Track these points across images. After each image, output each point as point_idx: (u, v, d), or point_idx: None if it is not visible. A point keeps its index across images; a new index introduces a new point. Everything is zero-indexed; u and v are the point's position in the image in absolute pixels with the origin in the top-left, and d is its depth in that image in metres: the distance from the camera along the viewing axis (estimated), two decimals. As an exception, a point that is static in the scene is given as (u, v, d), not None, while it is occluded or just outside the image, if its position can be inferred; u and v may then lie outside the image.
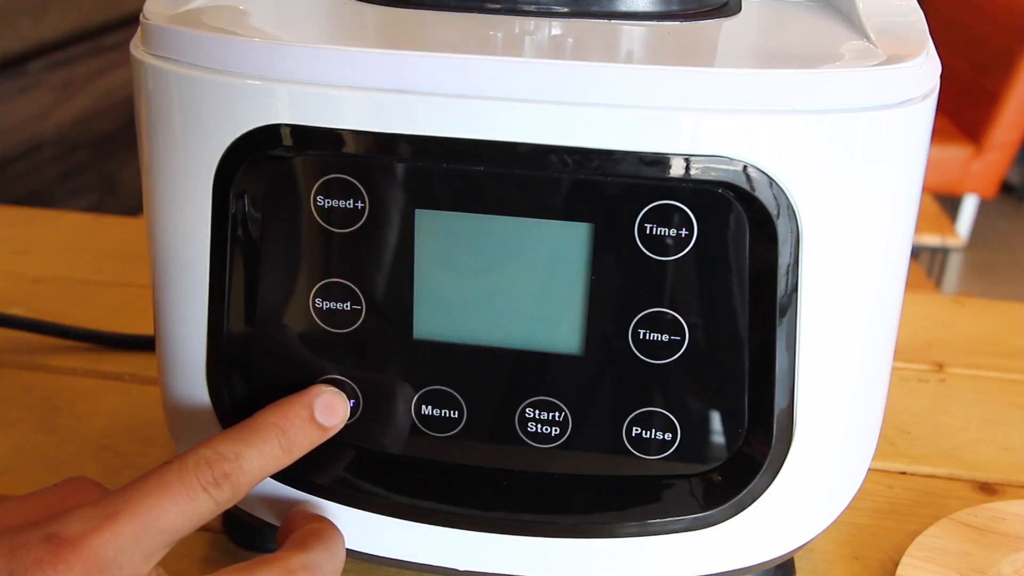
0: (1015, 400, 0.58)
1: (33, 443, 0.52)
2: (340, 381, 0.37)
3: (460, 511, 0.35)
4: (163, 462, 0.33)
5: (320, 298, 0.36)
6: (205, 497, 0.32)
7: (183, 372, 0.38)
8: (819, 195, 0.32)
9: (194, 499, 0.32)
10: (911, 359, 0.63)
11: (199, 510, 0.32)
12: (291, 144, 0.34)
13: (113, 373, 0.58)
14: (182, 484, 0.32)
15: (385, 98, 0.32)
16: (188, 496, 0.32)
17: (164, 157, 0.35)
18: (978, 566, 0.43)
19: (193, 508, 0.32)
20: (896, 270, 0.35)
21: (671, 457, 0.36)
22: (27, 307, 0.65)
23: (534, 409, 0.37)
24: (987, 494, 0.50)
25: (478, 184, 0.34)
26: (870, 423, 0.38)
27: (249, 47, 0.33)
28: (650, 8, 0.38)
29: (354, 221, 0.35)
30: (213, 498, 0.33)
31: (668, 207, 0.33)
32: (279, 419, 0.35)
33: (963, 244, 1.77)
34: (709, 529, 0.37)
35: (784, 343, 0.34)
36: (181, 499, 0.32)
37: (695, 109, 0.31)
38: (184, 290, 0.37)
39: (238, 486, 0.33)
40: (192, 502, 0.32)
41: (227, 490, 0.33)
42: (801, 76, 0.31)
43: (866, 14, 0.36)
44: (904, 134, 0.33)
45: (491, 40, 0.34)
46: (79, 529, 0.30)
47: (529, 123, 0.32)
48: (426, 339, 0.36)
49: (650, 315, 0.35)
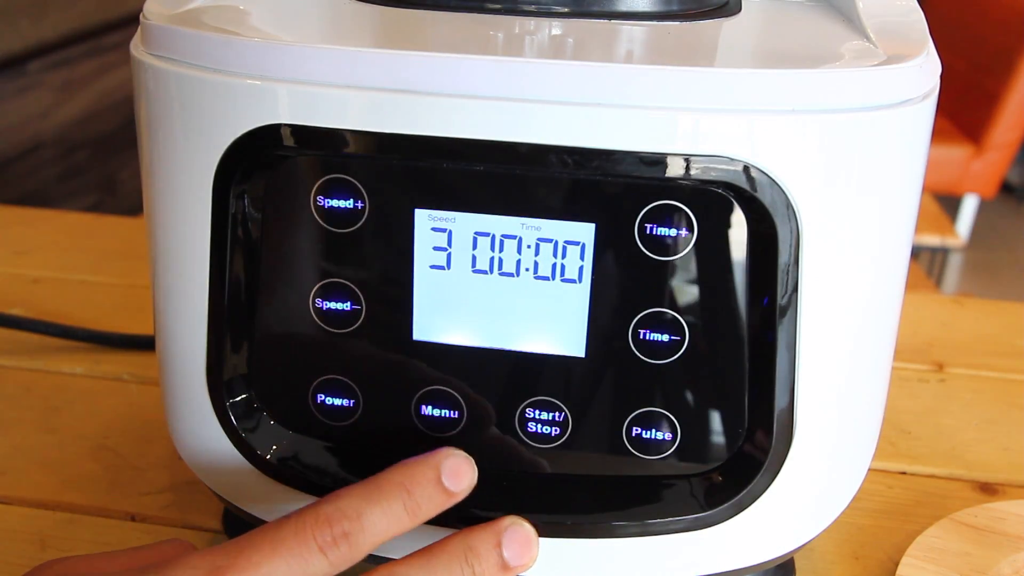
0: (1015, 400, 0.58)
1: (33, 443, 0.52)
2: (340, 381, 0.37)
3: (460, 511, 0.35)
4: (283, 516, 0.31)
5: (320, 298, 0.36)
6: (319, 558, 0.31)
7: (183, 372, 0.38)
8: (819, 195, 0.32)
9: (307, 560, 0.30)
10: (911, 359, 0.63)
11: (311, 571, 0.30)
12: (291, 144, 0.34)
13: (113, 373, 0.58)
14: (296, 541, 0.30)
15: (385, 98, 0.32)
16: (301, 556, 0.30)
17: (164, 157, 0.35)
18: (978, 566, 0.43)
19: (304, 568, 0.30)
20: (896, 270, 0.35)
21: (671, 457, 0.36)
22: (27, 307, 0.65)
23: (534, 409, 0.37)
24: (987, 494, 0.50)
25: (478, 184, 0.34)
26: (870, 423, 0.38)
27: (249, 47, 0.33)
28: (650, 8, 0.38)
29: (354, 221, 0.35)
30: (328, 559, 0.31)
31: (668, 207, 0.33)
32: (406, 479, 0.33)
33: (963, 244, 1.77)
34: (709, 529, 0.37)
35: (784, 343, 0.34)
36: (293, 558, 0.30)
37: (695, 109, 0.31)
38: (184, 290, 0.37)
39: (357, 547, 0.31)
40: (304, 562, 0.30)
41: (344, 550, 0.31)
42: (801, 76, 0.31)
43: (866, 14, 0.36)
44: (904, 134, 0.33)
45: (491, 40, 0.34)
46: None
47: (529, 123, 0.32)
48: (426, 339, 0.36)
49: (650, 315, 0.35)
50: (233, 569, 0.30)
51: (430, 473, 0.33)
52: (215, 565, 0.30)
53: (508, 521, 0.34)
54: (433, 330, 0.36)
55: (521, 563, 0.33)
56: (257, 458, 0.38)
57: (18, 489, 0.48)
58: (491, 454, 0.37)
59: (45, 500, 0.48)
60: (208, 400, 0.38)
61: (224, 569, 0.30)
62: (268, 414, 0.38)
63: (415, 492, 0.33)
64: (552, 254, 0.35)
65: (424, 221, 0.35)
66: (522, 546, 0.33)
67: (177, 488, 0.48)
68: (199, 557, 0.30)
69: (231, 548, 0.30)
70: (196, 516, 0.47)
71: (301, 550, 0.30)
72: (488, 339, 0.36)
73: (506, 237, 0.35)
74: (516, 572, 0.33)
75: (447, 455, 0.34)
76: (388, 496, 0.32)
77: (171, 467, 0.50)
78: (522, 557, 0.33)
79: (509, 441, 0.37)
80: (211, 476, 0.40)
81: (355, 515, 0.31)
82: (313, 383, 0.37)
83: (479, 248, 0.35)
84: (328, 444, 0.38)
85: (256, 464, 0.38)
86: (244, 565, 0.30)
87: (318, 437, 0.38)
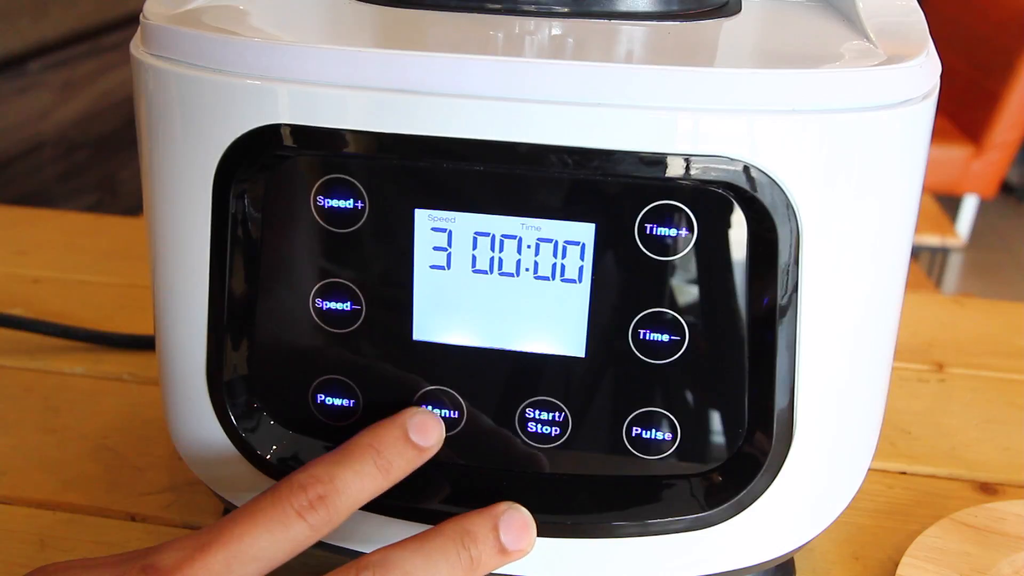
0: (1015, 400, 0.58)
1: (33, 443, 0.52)
2: (340, 381, 0.37)
3: (460, 511, 0.35)
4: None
5: (320, 298, 0.36)
6: (299, 522, 0.31)
7: (183, 372, 0.38)
8: (819, 195, 0.32)
9: (287, 525, 0.31)
10: (911, 359, 0.63)
11: (292, 536, 0.31)
12: (291, 144, 0.34)
13: (113, 373, 0.58)
14: (274, 510, 0.31)
15: (385, 98, 0.32)
16: (280, 522, 0.31)
17: (164, 157, 0.35)
18: (978, 566, 0.43)
19: (286, 534, 0.31)
20: (896, 270, 0.35)
21: (671, 457, 0.36)
22: (27, 307, 0.65)
23: (534, 409, 0.37)
24: (987, 494, 0.50)
25: (478, 184, 0.34)
26: (870, 423, 0.38)
27: (249, 47, 0.33)
28: (650, 8, 0.38)
29: (354, 221, 0.35)
30: (308, 523, 0.32)
31: (668, 207, 0.33)
32: (373, 440, 0.34)
33: (963, 244, 1.77)
34: (709, 529, 0.37)
35: (784, 343, 0.34)
36: (274, 525, 0.31)
37: (695, 109, 0.31)
38: (184, 290, 0.37)
39: (334, 509, 0.32)
40: (285, 528, 0.31)
41: (322, 513, 0.32)
42: (801, 76, 0.31)
43: (866, 14, 0.36)
44: (904, 134, 0.33)
45: (491, 40, 0.34)
46: (173, 559, 0.30)
47: (529, 123, 0.32)
48: (426, 339, 0.36)
49: (650, 315, 0.35)
50: (217, 544, 0.31)
51: (396, 431, 0.35)
52: (200, 543, 0.31)
53: (505, 506, 0.34)
54: (433, 330, 0.36)
55: (518, 548, 0.33)
56: (257, 458, 0.38)
57: (18, 489, 0.48)
58: (491, 454, 0.37)
59: (45, 500, 0.48)
60: (208, 400, 0.38)
61: (208, 544, 0.31)
62: (268, 414, 0.38)
63: (384, 451, 0.34)
64: (552, 254, 0.35)
65: (424, 221, 0.35)
66: (520, 530, 0.33)
67: (177, 488, 0.48)
68: (185, 539, 0.31)
69: (214, 526, 0.31)
70: (196, 516, 0.47)
71: (281, 517, 0.31)
72: (488, 339, 0.36)
73: (506, 237, 0.35)
74: (513, 558, 0.33)
75: (413, 413, 0.35)
76: (358, 458, 0.34)
77: (171, 467, 0.50)
78: (519, 542, 0.33)
79: (509, 441, 0.37)
80: (211, 476, 0.40)
81: (328, 478, 0.33)
82: (313, 383, 0.37)
83: (479, 248, 0.35)
84: (328, 444, 0.38)
85: (256, 464, 0.38)
86: (228, 539, 0.31)
87: (318, 437, 0.38)
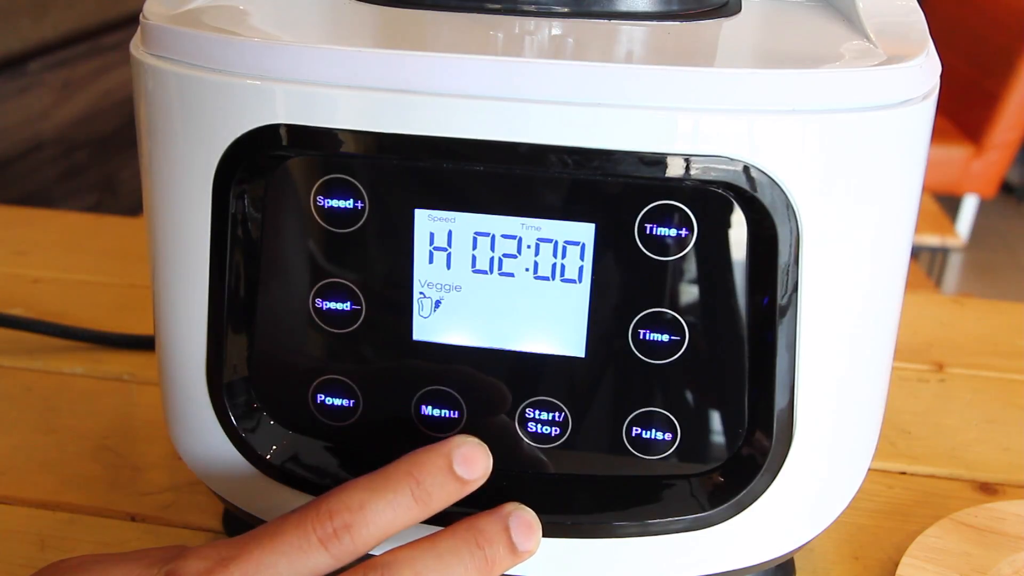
0: (1015, 400, 0.58)
1: (33, 443, 0.52)
2: (340, 381, 0.37)
3: (459, 511, 0.35)
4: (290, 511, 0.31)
5: (320, 298, 0.36)
6: (319, 551, 0.30)
7: (183, 372, 0.38)
8: (819, 195, 0.32)
9: (306, 552, 0.30)
10: (911, 359, 0.63)
11: (311, 564, 0.30)
12: (291, 144, 0.34)
13: (113, 373, 0.58)
14: (296, 535, 0.30)
15: (385, 98, 0.32)
16: (301, 548, 0.30)
17: (164, 157, 0.35)
18: (978, 566, 0.43)
19: (304, 561, 0.30)
20: (896, 270, 0.35)
21: (671, 457, 0.36)
22: (27, 307, 0.65)
23: (534, 409, 0.37)
24: (987, 494, 0.50)
25: (478, 184, 0.34)
26: (870, 423, 0.38)
27: (249, 47, 0.33)
28: (650, 8, 0.38)
29: (354, 221, 0.35)
30: (328, 552, 0.30)
31: (668, 207, 0.33)
32: (412, 467, 0.32)
33: (963, 244, 1.77)
34: (709, 529, 0.37)
35: (784, 343, 0.34)
36: (293, 551, 0.30)
37: (695, 109, 0.31)
38: (184, 290, 0.37)
39: (360, 539, 0.31)
40: (305, 555, 0.30)
41: (347, 544, 0.31)
42: (801, 76, 0.31)
43: (866, 14, 0.36)
44: (904, 134, 0.33)
45: (491, 40, 0.34)
46: (196, 568, 0.30)
47: (529, 123, 0.32)
48: (426, 339, 0.36)
49: (650, 315, 0.35)
50: (236, 560, 0.30)
51: (441, 461, 0.32)
52: (221, 556, 0.30)
53: (511, 507, 0.33)
54: (433, 330, 0.36)
55: (527, 548, 0.33)
56: (257, 458, 0.38)
57: (18, 489, 0.48)
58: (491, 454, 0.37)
59: (45, 500, 0.48)
60: (208, 400, 0.38)
61: (228, 560, 0.30)
62: (268, 414, 0.38)
63: (424, 481, 0.32)
64: (552, 254, 0.35)
65: (424, 221, 0.35)
66: (528, 530, 0.33)
67: (177, 488, 0.48)
68: (208, 548, 0.31)
69: (237, 541, 0.31)
70: (196, 516, 0.47)
71: (301, 543, 0.30)
72: (488, 339, 0.36)
73: (506, 237, 0.35)
74: (523, 558, 0.33)
75: (460, 442, 0.33)
76: (395, 486, 0.32)
77: (171, 467, 0.50)
78: (528, 542, 0.33)
79: (509, 441, 0.37)
80: (211, 476, 0.40)
81: (357, 507, 0.31)
82: (313, 383, 0.37)
83: (479, 248, 0.35)
84: (328, 444, 0.38)
85: (256, 464, 0.38)
86: (246, 558, 0.30)
87: (318, 437, 0.38)
